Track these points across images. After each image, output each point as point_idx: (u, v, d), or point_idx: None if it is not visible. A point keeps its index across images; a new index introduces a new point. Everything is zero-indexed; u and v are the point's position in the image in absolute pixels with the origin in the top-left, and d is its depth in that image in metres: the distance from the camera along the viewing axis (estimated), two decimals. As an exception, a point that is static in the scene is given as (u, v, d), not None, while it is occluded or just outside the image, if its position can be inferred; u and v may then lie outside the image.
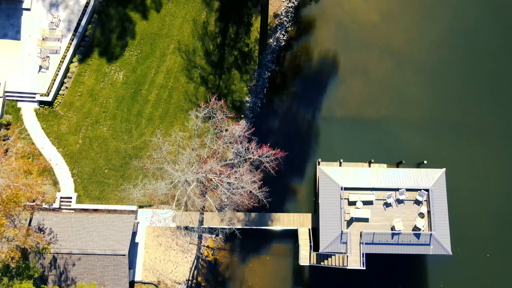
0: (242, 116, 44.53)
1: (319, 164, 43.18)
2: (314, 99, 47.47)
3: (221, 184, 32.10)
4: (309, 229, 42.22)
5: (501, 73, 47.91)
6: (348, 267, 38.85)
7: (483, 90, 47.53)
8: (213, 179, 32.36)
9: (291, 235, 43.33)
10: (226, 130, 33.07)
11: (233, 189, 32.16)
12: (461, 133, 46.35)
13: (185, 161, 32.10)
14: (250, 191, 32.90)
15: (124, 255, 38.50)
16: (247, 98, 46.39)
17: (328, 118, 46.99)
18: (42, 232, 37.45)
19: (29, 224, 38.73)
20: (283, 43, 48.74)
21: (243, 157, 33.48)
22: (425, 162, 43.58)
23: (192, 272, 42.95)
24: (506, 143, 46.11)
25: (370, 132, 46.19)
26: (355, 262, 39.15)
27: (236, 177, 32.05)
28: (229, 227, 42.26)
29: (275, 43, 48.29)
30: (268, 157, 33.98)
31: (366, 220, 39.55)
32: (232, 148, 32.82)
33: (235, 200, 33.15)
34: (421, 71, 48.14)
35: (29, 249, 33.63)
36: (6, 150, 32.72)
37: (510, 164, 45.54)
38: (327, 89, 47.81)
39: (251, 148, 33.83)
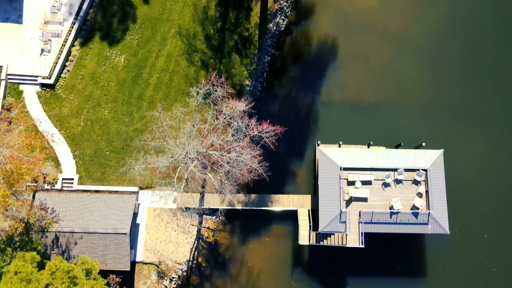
0: (242, 99, 44.92)
1: (318, 146, 43.55)
2: (313, 83, 47.89)
3: (221, 159, 32.49)
4: (308, 210, 42.62)
5: (499, 57, 48.33)
6: (347, 246, 39.22)
7: (481, 75, 47.94)
8: (213, 155, 32.77)
9: (291, 217, 43.74)
10: (227, 106, 33.48)
11: (233, 162, 32.56)
12: (459, 116, 46.75)
13: (186, 134, 32.50)
14: (250, 166, 33.29)
15: (126, 233, 38.91)
16: (247, 82, 46.80)
17: (327, 102, 47.41)
18: (44, 211, 37.80)
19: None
20: (283, 28, 49.18)
21: (244, 133, 33.89)
22: (424, 144, 43.94)
23: (192, 252, 43.38)
24: (503, 126, 46.52)
25: (369, 116, 46.60)
26: (354, 241, 39.57)
27: (236, 151, 32.47)
28: (229, 207, 42.79)
29: (275, 28, 48.69)
30: (268, 132, 34.43)
31: (365, 199, 39.96)
32: (234, 121, 33.22)
33: (235, 174, 33.53)
34: (420, 56, 48.57)
35: (32, 225, 34.02)
36: (10, 123, 33.16)
37: (507, 147, 45.93)
38: (326, 74, 48.23)
39: (251, 124, 34.28)
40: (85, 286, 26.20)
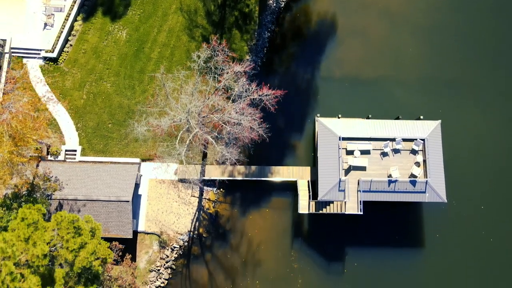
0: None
1: (318, 117, 44.11)
2: (313, 59, 48.49)
3: (222, 120, 33.12)
4: (308, 181, 43.23)
5: (495, 33, 48.92)
6: (346, 213, 39.85)
7: (478, 50, 48.58)
8: (214, 118, 33.39)
9: (290, 189, 44.38)
10: (228, 67, 34.07)
11: (234, 121, 33.16)
12: (456, 91, 47.35)
13: (188, 93, 33.08)
14: (251, 126, 33.91)
15: (128, 201, 39.53)
16: (247, 57, 47.32)
17: (327, 77, 48.02)
18: (48, 181, 38.38)
19: (34, 178, 39.71)
20: (283, 4, 49.78)
21: (244, 96, 34.49)
22: (422, 117, 44.53)
23: (193, 223, 44.02)
24: (500, 100, 47.13)
25: (368, 90, 47.21)
26: (352, 209, 40.21)
27: (237, 111, 33.08)
28: (230, 178, 43.42)
29: (275, 4, 49.29)
30: (268, 95, 35.07)
31: (363, 168, 40.58)
32: (234, 84, 33.83)
33: (236, 134, 34.12)
34: (418, 32, 49.19)
35: (36, 187, 34.64)
36: (15, 83, 33.79)
37: (504, 121, 46.54)
38: (325, 50, 48.83)
39: (252, 88, 34.91)
40: (88, 238, 26.80)
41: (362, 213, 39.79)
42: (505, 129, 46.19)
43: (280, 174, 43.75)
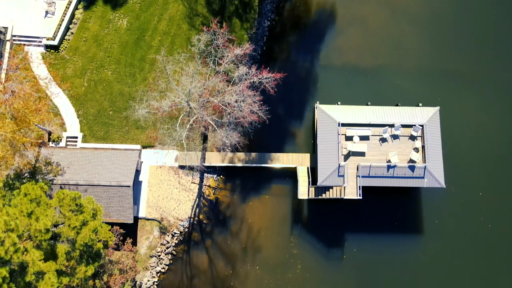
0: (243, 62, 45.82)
1: (317, 105, 44.41)
2: (312, 48, 48.79)
3: (222, 103, 33.42)
4: (307, 168, 43.52)
5: (495, 22, 49.19)
6: (345, 197, 40.13)
7: (477, 39, 48.81)
8: (214, 101, 33.67)
9: (290, 176, 44.69)
10: (228, 50, 34.35)
11: (234, 107, 33.47)
12: (455, 79, 47.62)
13: (189, 75, 33.37)
14: (251, 108, 34.22)
15: (129, 186, 39.82)
16: (247, 45, 47.52)
17: (326, 66, 48.30)
18: (49, 165, 38.69)
19: (36, 160, 40.03)
20: (283, -7, 50.07)
21: (244, 79, 34.78)
22: (420, 104, 44.84)
23: (194, 210, 44.32)
24: (499, 89, 47.39)
25: (367, 79, 47.49)
26: (352, 194, 40.49)
27: (237, 93, 33.38)
28: (230, 165, 43.72)
29: (274, -7, 49.57)
30: (268, 78, 35.38)
31: (362, 154, 40.88)
32: (235, 67, 34.14)
33: (236, 115, 34.38)
34: (417, 21, 49.43)
35: (38, 170, 34.94)
36: (16, 68, 34.10)
37: (503, 110, 46.83)
38: (325, 39, 49.12)
39: (252, 72, 35.22)
40: (90, 216, 27.09)
41: (361, 197, 40.06)
42: (503, 118, 46.46)
43: (280, 160, 44.05)
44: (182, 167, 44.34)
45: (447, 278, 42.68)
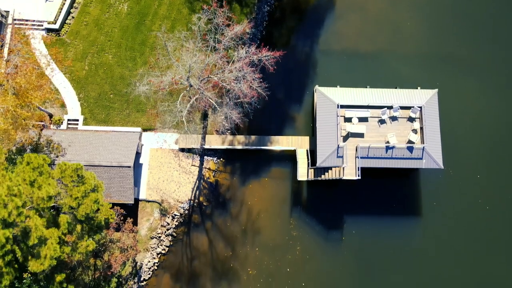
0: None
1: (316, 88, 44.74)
2: (312, 33, 49.11)
3: (222, 80, 33.74)
4: (306, 150, 43.85)
5: (494, 7, 49.51)
6: (344, 178, 40.43)
7: (476, 24, 49.17)
8: (215, 78, 33.99)
9: (289, 159, 45.02)
10: (228, 26, 34.68)
11: (234, 80, 33.79)
12: (454, 64, 47.96)
13: (190, 51, 33.68)
14: (251, 84, 34.55)
15: (129, 166, 40.14)
16: (247, 30, 47.86)
17: (325, 50, 48.62)
18: (51, 143, 39.02)
19: (39, 139, 40.37)
20: (282, -21, 50.34)
21: (244, 57, 35.10)
22: (419, 88, 45.10)
23: (194, 192, 44.65)
24: (497, 73, 47.73)
25: (366, 64, 47.81)
26: (350, 175, 40.80)
27: (237, 69, 33.71)
28: (230, 147, 44.06)
29: (274, -21, 49.84)
30: (268, 56, 35.72)
31: (361, 135, 41.21)
32: (235, 43, 34.42)
33: (236, 91, 34.69)
34: (416, 7, 49.77)
35: (40, 147, 35.28)
36: (19, 42, 34.39)
37: (500, 94, 47.15)
38: (324, 24, 49.45)
39: (251, 50, 35.56)
40: (92, 187, 27.42)
41: (360, 178, 40.36)
42: (501, 102, 46.80)
43: (279, 143, 44.38)
44: (182, 149, 44.67)
45: (445, 260, 43.01)
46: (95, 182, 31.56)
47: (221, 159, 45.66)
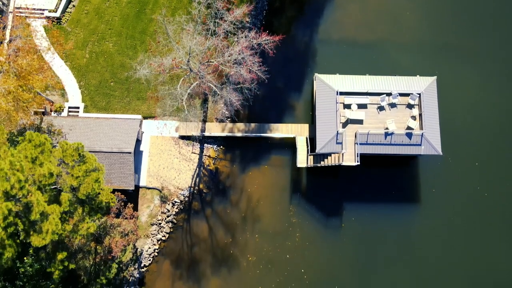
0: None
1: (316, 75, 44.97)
2: (311, 22, 49.36)
3: (222, 64, 33.96)
4: (306, 138, 44.08)
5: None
6: (343, 164, 40.65)
7: (475, 13, 49.41)
8: (215, 62, 34.22)
9: (289, 146, 45.26)
10: (228, 10, 34.91)
11: (234, 64, 34.01)
12: (453, 53, 48.20)
13: (190, 33, 33.90)
14: (250, 70, 34.78)
15: (130, 152, 40.39)
16: (247, 19, 48.09)
17: (325, 40, 48.87)
18: (52, 127, 39.26)
19: (40, 123, 40.61)
20: (282, -32, 50.56)
21: (244, 41, 35.32)
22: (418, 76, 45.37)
23: (194, 179, 44.88)
24: (495, 62, 47.94)
25: (365, 53, 48.07)
26: (350, 160, 41.04)
27: (237, 52, 33.93)
28: (230, 134, 44.31)
29: (274, -32, 50.03)
30: (267, 40, 35.95)
31: (360, 122, 41.44)
32: (235, 27, 34.63)
33: (236, 75, 34.88)
34: (415, -4, 50.11)
35: (41, 130, 35.55)
36: (20, 25, 34.63)
37: (499, 82, 47.38)
38: (324, 13, 49.70)
39: (251, 34, 35.79)
40: (93, 166, 27.66)
41: (359, 163, 40.58)
42: (500, 90, 47.03)
43: (279, 131, 44.61)
44: (182, 137, 44.91)
45: (443, 246, 43.24)
46: (96, 164, 31.82)
47: (221, 146, 45.91)
